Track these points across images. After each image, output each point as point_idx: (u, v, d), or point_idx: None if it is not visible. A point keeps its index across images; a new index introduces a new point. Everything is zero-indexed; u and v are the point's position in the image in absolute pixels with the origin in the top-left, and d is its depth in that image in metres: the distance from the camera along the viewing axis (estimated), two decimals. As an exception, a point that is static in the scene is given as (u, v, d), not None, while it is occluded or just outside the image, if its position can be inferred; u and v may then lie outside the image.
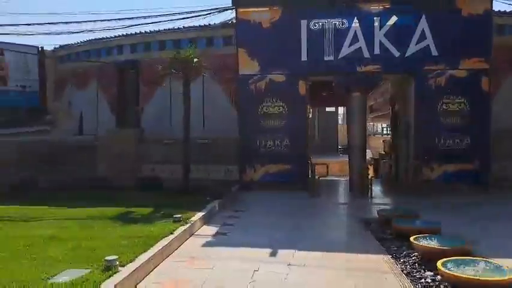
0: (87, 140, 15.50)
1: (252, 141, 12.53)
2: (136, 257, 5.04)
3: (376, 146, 21.47)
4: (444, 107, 12.01)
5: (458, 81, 11.91)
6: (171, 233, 6.29)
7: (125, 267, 4.68)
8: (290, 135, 12.37)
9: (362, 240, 6.89)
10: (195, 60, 11.42)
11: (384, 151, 19.69)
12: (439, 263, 4.60)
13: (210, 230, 7.46)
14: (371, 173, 14.00)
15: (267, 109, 12.52)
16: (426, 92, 12.05)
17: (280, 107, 12.46)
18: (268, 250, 6.04)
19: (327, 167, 12.08)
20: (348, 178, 14.65)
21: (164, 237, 6.07)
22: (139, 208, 8.54)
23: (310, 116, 19.25)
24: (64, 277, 4.31)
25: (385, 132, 35.16)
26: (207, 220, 8.05)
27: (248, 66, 12.52)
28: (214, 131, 13.69)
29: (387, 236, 6.93)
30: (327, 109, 27.22)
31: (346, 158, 21.61)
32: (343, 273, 5.15)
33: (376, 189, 12.52)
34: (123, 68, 15.53)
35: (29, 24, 20.92)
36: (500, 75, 12.57)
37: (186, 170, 11.63)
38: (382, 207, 10.23)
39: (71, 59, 17.06)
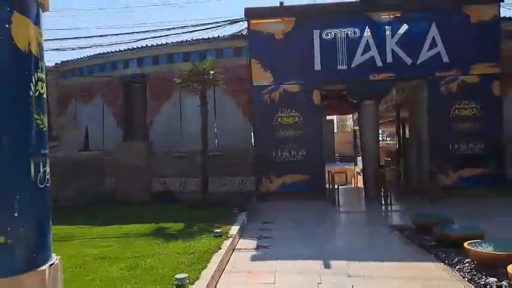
0: (95, 154, 15.27)
1: (267, 152, 12.52)
2: (200, 274, 4.95)
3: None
4: (457, 112, 12.19)
5: (469, 86, 12.12)
6: (220, 248, 6.21)
7: (194, 285, 4.59)
8: (306, 145, 12.39)
9: (405, 247, 6.90)
10: (211, 72, 11.43)
11: (387, 158, 19.90)
12: (510, 268, 4.62)
13: (248, 243, 7.38)
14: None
15: (282, 119, 12.54)
16: (438, 98, 12.22)
17: (296, 117, 12.49)
18: (319, 262, 6.00)
19: (346, 176, 12.10)
20: (349, 186, 14.79)
21: (214, 252, 5.99)
22: (170, 223, 8.42)
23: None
24: (139, 298, 4.21)
25: (380, 138, 35.53)
26: (241, 233, 7.98)
27: (262, 77, 12.57)
28: (226, 143, 13.65)
29: (428, 243, 6.96)
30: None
31: (344, 166, 21.89)
32: (407, 282, 5.14)
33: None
34: (128, 82, 15.41)
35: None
36: (508, 81, 12.75)
37: (204, 182, 11.54)
38: (401, 214, 10.38)
39: (75, 74, 16.85)
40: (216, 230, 7.12)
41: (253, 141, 13.02)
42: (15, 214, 2.81)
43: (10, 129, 2.84)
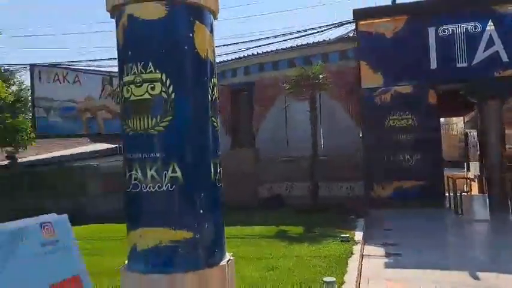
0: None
1: (378, 156, 12.05)
2: (343, 278, 4.86)
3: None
4: None
5: None
6: (352, 253, 6.06)
7: (341, 289, 4.52)
8: (421, 149, 11.71)
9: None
10: (321, 76, 11.37)
11: (508, 163, 18.04)
12: None
13: (374, 250, 7.11)
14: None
15: (393, 122, 12.01)
16: None
17: (409, 119, 11.89)
18: (464, 272, 5.55)
19: (469, 183, 11.17)
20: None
21: (348, 257, 5.86)
22: (288, 227, 8.47)
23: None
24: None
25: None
26: (364, 239, 7.73)
27: (371, 79, 12.18)
28: (332, 148, 13.43)
29: None
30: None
31: (451, 171, 20.21)
32: None
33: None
34: (237, 90, 15.95)
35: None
36: None
37: (315, 187, 11.48)
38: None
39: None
40: (342, 235, 6.99)
41: (362, 145, 12.64)
42: (201, 211, 2.98)
43: (196, 132, 3.03)
